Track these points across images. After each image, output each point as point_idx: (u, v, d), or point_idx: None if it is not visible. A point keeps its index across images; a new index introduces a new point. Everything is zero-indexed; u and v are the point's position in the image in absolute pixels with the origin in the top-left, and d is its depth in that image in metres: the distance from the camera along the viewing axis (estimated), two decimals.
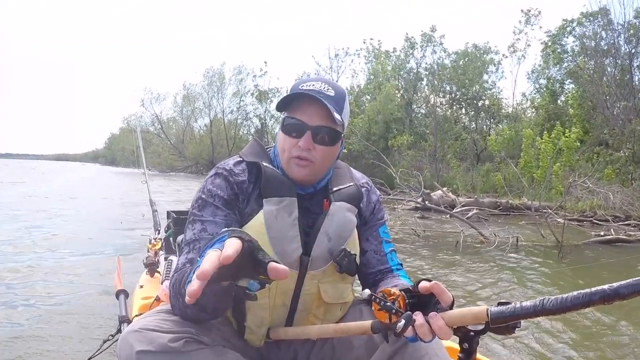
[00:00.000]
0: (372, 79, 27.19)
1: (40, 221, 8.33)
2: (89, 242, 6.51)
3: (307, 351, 1.42)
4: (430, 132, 23.69)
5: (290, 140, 1.33)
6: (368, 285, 1.46)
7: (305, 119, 1.31)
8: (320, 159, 1.34)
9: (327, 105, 1.27)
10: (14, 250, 5.75)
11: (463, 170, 18.89)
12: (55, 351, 2.82)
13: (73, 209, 10.65)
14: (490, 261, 6.04)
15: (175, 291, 1.21)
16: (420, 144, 23.12)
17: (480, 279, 5.07)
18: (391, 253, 1.49)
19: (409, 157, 21.89)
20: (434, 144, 22.11)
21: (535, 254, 6.60)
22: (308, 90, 1.30)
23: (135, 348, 1.11)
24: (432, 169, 20.83)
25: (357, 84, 30.53)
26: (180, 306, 1.20)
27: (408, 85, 26.06)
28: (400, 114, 24.82)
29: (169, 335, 1.14)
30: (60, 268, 4.87)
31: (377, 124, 24.07)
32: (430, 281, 1.08)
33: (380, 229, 1.50)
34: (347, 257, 1.34)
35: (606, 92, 17.50)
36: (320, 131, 1.31)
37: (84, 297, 3.89)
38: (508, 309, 0.94)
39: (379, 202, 1.53)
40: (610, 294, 0.81)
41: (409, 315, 1.04)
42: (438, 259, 6.19)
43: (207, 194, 1.34)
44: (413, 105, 26.09)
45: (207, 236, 1.27)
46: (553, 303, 0.88)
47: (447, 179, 18.86)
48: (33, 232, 7.13)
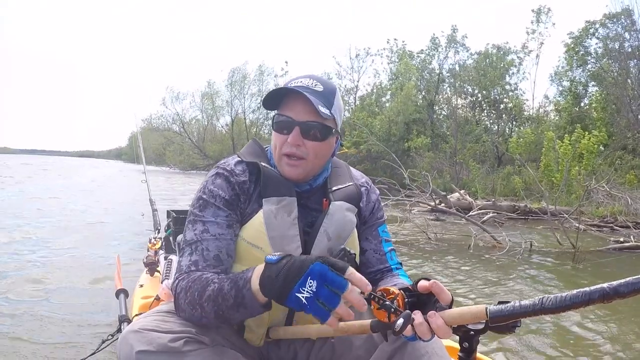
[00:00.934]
0: (395, 79, 27.06)
1: (43, 218, 8.33)
2: (89, 240, 6.50)
3: (307, 351, 1.43)
4: (450, 133, 23.51)
5: (281, 137, 1.34)
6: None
7: (292, 115, 1.32)
8: (312, 155, 1.34)
9: (310, 98, 1.28)
10: (15, 248, 5.72)
11: (483, 173, 18.72)
12: (55, 351, 2.83)
13: (86, 206, 10.81)
14: (500, 266, 6.01)
15: (193, 301, 1.20)
16: (442, 146, 22.97)
17: (486, 283, 5.06)
18: (391, 252, 1.51)
19: (428, 158, 21.78)
20: (454, 146, 21.96)
21: (548, 259, 6.53)
22: (295, 87, 1.32)
23: (135, 348, 1.13)
24: (452, 171, 20.71)
25: (379, 83, 30.49)
26: (197, 316, 1.20)
27: (430, 86, 25.89)
28: (420, 115, 24.68)
29: (169, 335, 1.15)
30: (60, 267, 4.85)
31: (397, 124, 23.96)
32: (429, 280, 1.09)
33: (379, 228, 1.51)
34: (347, 257, 1.31)
35: (630, 95, 17.14)
36: (308, 126, 1.32)
37: (83, 297, 3.89)
38: (507, 308, 0.94)
39: (378, 202, 1.54)
40: (609, 293, 0.81)
41: (407, 314, 1.04)
42: (446, 262, 6.17)
43: (209, 194, 1.35)
44: (435, 106, 25.92)
45: (209, 237, 1.29)
46: (552, 302, 0.88)
47: (467, 181, 18.70)
48: (34, 229, 7.14)
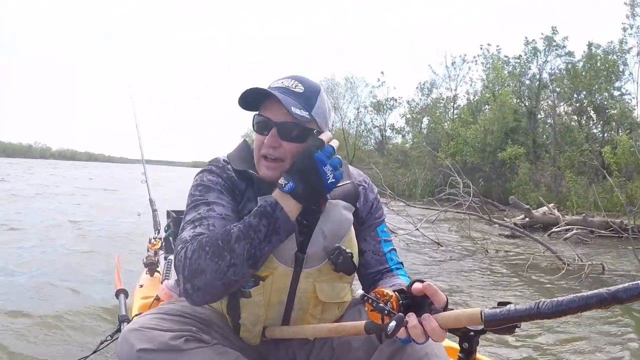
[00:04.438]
0: (489, 87, 25.66)
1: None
2: (91, 240, 6.58)
3: (307, 352, 1.42)
4: (550, 143, 21.73)
5: (260, 138, 1.34)
6: (367, 285, 1.45)
7: (270, 116, 1.32)
8: (289, 156, 1.31)
9: (281, 101, 1.27)
10: (24, 246, 5.82)
11: (584, 185, 17.00)
12: (55, 351, 2.84)
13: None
14: (550, 289, 5.35)
15: (217, 251, 1.17)
16: (543, 156, 21.34)
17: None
18: (391, 252, 1.47)
19: (525, 169, 20.35)
20: (553, 156, 20.27)
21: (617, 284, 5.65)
22: (273, 87, 1.32)
23: (135, 346, 1.14)
24: (552, 184, 19.18)
25: (473, 92, 29.11)
26: (223, 267, 1.17)
27: (530, 92, 24.15)
28: (517, 123, 23.11)
29: (169, 334, 1.17)
30: (60, 266, 4.90)
31: (492, 134, 22.65)
32: (424, 282, 1.08)
33: (378, 228, 1.48)
34: (342, 255, 1.31)
35: None
36: (285, 127, 1.30)
37: (83, 296, 3.91)
38: (502, 312, 0.94)
39: (377, 201, 1.51)
40: (607, 298, 0.81)
41: (400, 317, 1.04)
42: (492, 280, 5.65)
43: (207, 181, 1.36)
44: (536, 114, 24.11)
45: (215, 215, 1.28)
46: (548, 306, 0.87)
47: (567, 194, 17.14)
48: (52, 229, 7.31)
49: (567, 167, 18.41)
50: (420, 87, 32.84)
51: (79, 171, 35.34)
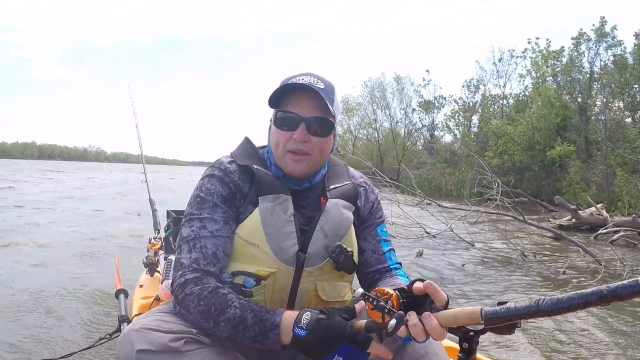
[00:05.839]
0: (536, 82, 24.91)
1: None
2: (91, 241, 6.66)
3: None
4: (601, 139, 20.91)
5: (284, 134, 1.35)
6: (367, 284, 1.47)
7: (298, 111, 1.34)
8: (317, 150, 1.36)
9: (321, 95, 1.30)
10: (21, 246, 5.94)
11: (637, 184, 16.32)
12: (55, 350, 2.91)
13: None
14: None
15: (207, 314, 1.21)
16: (595, 154, 20.56)
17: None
18: (390, 252, 1.50)
19: (576, 168, 19.71)
20: (604, 153, 19.51)
21: None
22: (300, 83, 1.33)
23: (135, 347, 1.14)
24: (604, 182, 18.47)
25: (522, 87, 28.35)
26: (205, 327, 1.22)
27: (582, 87, 23.26)
28: (571, 120, 22.32)
29: (169, 335, 1.17)
30: (60, 266, 4.98)
31: (540, 131, 22.00)
32: (425, 281, 1.10)
33: (378, 228, 1.51)
34: (343, 254, 1.34)
35: None
36: (314, 122, 1.34)
37: (83, 296, 3.95)
38: (502, 310, 0.94)
39: (377, 201, 1.54)
40: (607, 295, 0.80)
41: (400, 315, 1.05)
42: (525, 282, 5.60)
43: (205, 192, 1.37)
44: (587, 110, 23.20)
45: (206, 234, 1.31)
46: (548, 304, 0.87)
47: (618, 194, 16.50)
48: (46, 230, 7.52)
49: (619, 165, 17.70)
50: (466, 84, 32.35)
51: (132, 174, 35.30)
